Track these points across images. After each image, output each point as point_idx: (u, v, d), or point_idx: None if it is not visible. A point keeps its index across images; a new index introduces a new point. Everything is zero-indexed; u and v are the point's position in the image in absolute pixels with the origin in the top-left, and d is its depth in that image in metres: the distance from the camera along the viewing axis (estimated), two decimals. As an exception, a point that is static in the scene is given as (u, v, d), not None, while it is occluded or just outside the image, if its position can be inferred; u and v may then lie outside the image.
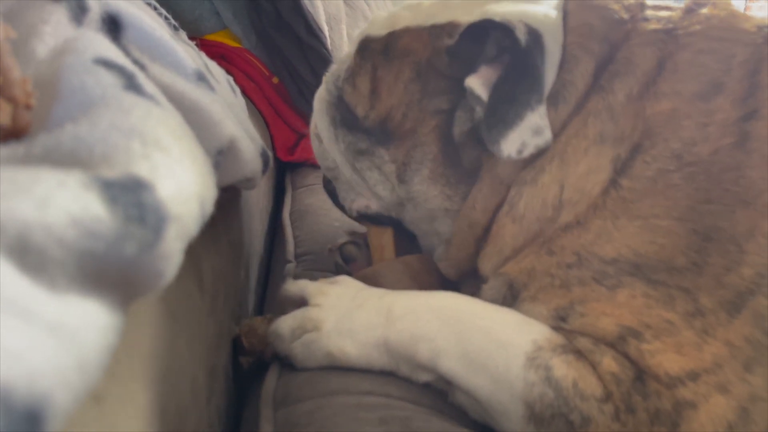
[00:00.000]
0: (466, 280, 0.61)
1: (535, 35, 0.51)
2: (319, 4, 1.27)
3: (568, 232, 0.50)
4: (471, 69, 0.53)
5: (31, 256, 0.19)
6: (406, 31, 0.59)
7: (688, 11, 0.54)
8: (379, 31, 0.61)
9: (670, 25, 0.53)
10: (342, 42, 1.36)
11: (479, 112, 0.53)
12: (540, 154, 0.52)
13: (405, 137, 0.58)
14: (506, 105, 0.50)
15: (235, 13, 1.19)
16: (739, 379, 0.43)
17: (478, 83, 0.52)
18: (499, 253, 0.55)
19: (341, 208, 0.73)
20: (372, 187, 0.63)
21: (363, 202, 0.66)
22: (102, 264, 0.21)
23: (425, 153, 0.58)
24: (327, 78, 0.66)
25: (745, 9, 2.89)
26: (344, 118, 0.63)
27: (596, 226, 0.49)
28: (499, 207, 0.55)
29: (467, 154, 0.56)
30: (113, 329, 0.22)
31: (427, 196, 0.59)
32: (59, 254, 0.20)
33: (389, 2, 1.90)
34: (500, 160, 0.52)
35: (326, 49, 1.19)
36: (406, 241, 0.67)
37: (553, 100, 0.52)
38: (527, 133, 0.49)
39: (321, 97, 0.67)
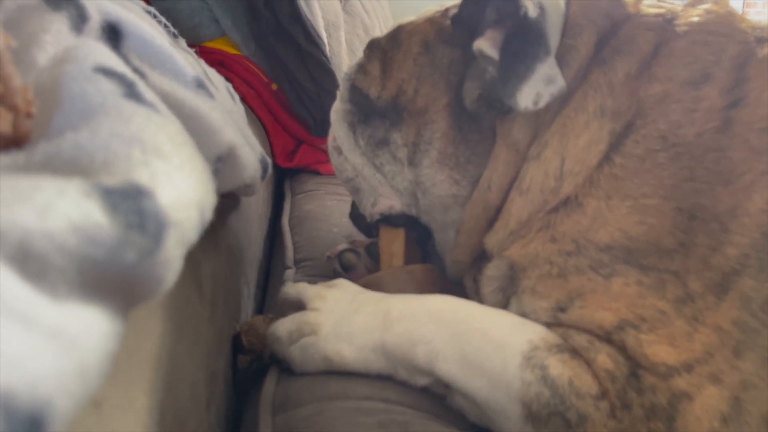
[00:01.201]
0: (468, 272, 0.62)
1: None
2: (318, 11, 1.28)
3: (569, 216, 0.52)
4: (476, 35, 0.55)
5: (32, 263, 0.19)
6: (411, 22, 0.63)
7: (690, 5, 0.57)
8: (385, 34, 0.65)
9: (670, 15, 0.55)
10: (341, 48, 1.36)
11: (491, 71, 0.54)
12: (546, 126, 0.54)
13: (416, 115, 0.60)
14: (516, 60, 0.52)
15: (234, 21, 1.19)
16: (730, 367, 0.43)
17: (487, 45, 0.54)
18: (505, 226, 0.56)
19: (365, 231, 0.75)
20: (391, 180, 0.64)
21: (386, 203, 0.66)
22: (102, 270, 0.21)
23: (435, 131, 0.59)
24: (340, 83, 0.68)
25: (742, 13, 2.91)
26: (360, 111, 0.64)
27: (592, 208, 0.51)
28: (512, 183, 0.56)
29: (482, 122, 0.58)
30: (113, 335, 0.22)
31: (435, 180, 0.60)
32: (60, 261, 0.20)
33: (386, 4, 1.92)
34: (515, 124, 0.55)
35: (325, 56, 1.20)
36: (418, 250, 0.67)
37: (557, 64, 0.53)
38: (540, 83, 0.51)
39: (336, 109, 0.69)
